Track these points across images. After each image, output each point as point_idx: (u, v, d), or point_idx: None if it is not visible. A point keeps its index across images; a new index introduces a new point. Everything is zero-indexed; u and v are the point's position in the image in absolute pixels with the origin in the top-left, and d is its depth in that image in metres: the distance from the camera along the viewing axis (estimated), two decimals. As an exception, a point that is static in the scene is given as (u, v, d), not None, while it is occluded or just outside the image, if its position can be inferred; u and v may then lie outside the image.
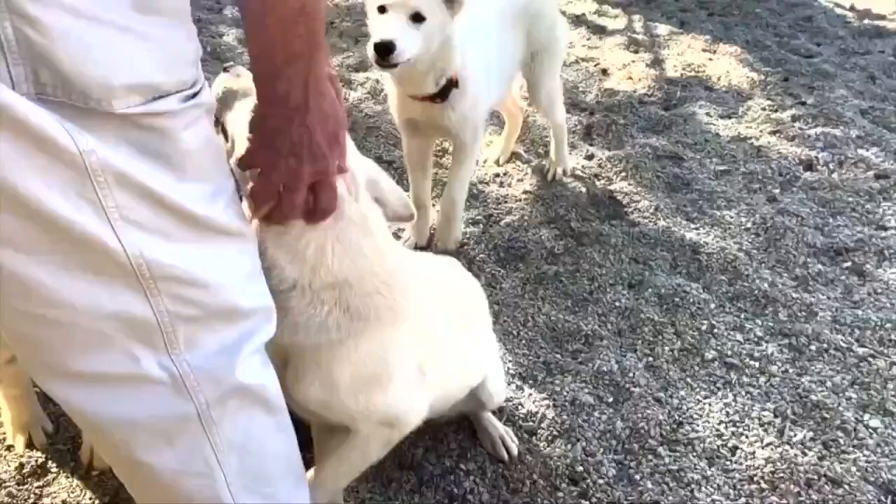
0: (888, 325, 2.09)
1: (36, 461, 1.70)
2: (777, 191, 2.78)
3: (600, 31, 4.37)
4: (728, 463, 1.72)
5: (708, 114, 3.35)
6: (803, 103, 3.39)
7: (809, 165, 2.93)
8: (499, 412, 1.82)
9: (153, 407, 0.90)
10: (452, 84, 2.06)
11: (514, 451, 1.72)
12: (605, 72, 3.80)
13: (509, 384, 1.90)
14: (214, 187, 0.89)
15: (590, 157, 3.01)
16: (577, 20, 4.53)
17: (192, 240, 0.86)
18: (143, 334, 0.86)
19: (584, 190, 2.79)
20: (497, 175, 2.91)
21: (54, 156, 0.70)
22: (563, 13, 4.62)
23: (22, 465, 1.69)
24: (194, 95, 0.83)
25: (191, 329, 0.90)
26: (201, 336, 0.91)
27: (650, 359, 2.02)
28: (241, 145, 1.04)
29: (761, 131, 3.20)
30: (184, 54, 0.81)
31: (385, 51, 1.83)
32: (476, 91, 2.16)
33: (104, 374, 0.86)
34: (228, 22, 4.53)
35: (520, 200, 2.74)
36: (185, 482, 0.97)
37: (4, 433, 1.76)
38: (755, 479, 1.68)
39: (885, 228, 2.54)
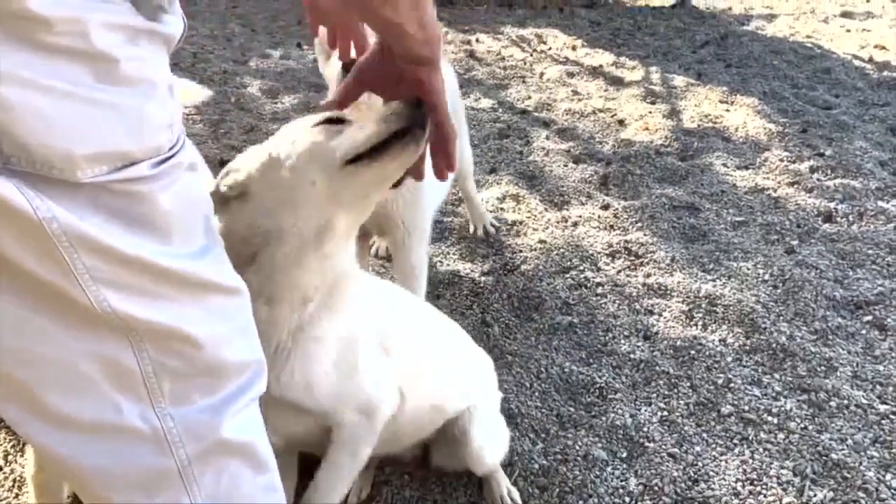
0: (911, 382, 2.04)
1: (44, 508, 1.69)
2: (795, 242, 2.76)
3: (618, 82, 4.42)
4: (745, 523, 1.68)
5: (725, 165, 3.35)
6: (822, 155, 3.39)
7: (828, 217, 2.91)
8: (510, 466, 1.80)
9: (132, 459, 0.89)
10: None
11: None
12: (621, 122, 3.83)
13: (522, 437, 1.88)
14: (201, 244, 0.89)
15: (605, 207, 3.01)
16: (595, 72, 4.59)
17: (177, 297, 0.86)
18: (126, 382, 0.85)
19: (599, 240, 2.79)
20: (513, 224, 2.92)
21: (17, 220, 0.72)
22: (581, 65, 4.69)
23: (30, 513, 1.68)
24: (171, 157, 0.83)
25: (176, 382, 0.89)
26: (187, 390, 0.91)
27: (665, 413, 1.98)
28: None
29: (779, 182, 3.19)
30: (156, 121, 0.81)
31: None
32: (429, 186, 1.88)
33: (83, 420, 0.85)
34: (253, 73, 4.64)
35: (535, 250, 2.74)
36: None
37: (14, 480, 1.76)
38: (773, 540, 1.63)
39: (907, 282, 2.50)
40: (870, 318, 2.33)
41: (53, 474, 1.57)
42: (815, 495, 1.73)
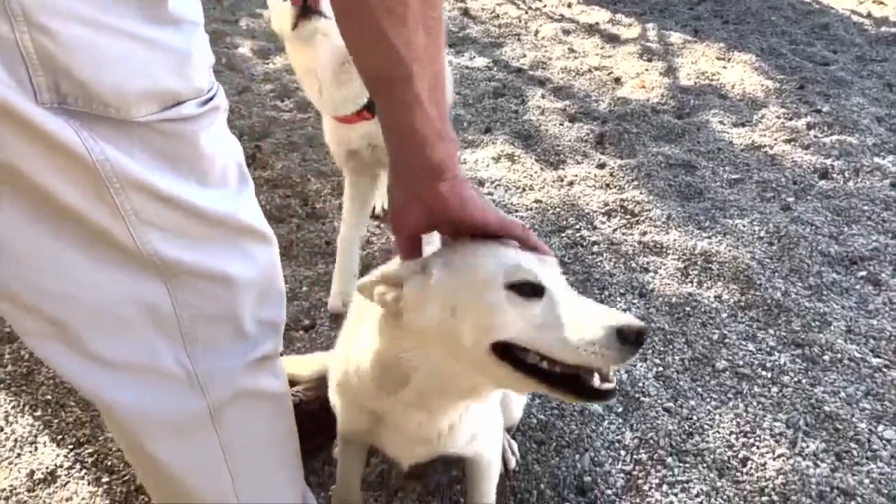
0: (904, 336, 2.06)
1: (46, 468, 1.71)
2: (791, 199, 2.75)
3: (614, 39, 4.37)
4: (739, 474, 1.70)
5: (721, 122, 3.33)
6: (819, 111, 3.37)
7: (824, 174, 2.90)
8: (507, 421, 1.82)
9: (166, 401, 0.91)
10: None
11: (512, 464, 1.70)
12: (618, 80, 3.80)
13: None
14: (235, 187, 0.92)
15: (602, 166, 3.00)
16: (591, 29, 4.53)
17: (214, 237, 0.88)
18: (163, 326, 0.88)
19: (595, 199, 2.78)
20: (508, 183, 2.91)
21: (71, 161, 0.73)
22: (577, 22, 4.63)
23: (32, 472, 1.70)
24: (210, 99, 0.85)
25: (211, 326, 0.92)
26: (220, 335, 0.93)
27: (660, 368, 2.00)
28: None
29: (776, 139, 3.17)
30: (198, 60, 0.83)
31: None
32: None
33: (122, 361, 0.87)
34: (244, 33, 4.58)
35: (530, 209, 2.73)
36: (191, 478, 0.98)
37: (15, 440, 1.78)
38: (766, 490, 1.66)
39: (902, 237, 2.50)
40: (864, 273, 2.35)
41: None
42: (807, 446, 1.75)
